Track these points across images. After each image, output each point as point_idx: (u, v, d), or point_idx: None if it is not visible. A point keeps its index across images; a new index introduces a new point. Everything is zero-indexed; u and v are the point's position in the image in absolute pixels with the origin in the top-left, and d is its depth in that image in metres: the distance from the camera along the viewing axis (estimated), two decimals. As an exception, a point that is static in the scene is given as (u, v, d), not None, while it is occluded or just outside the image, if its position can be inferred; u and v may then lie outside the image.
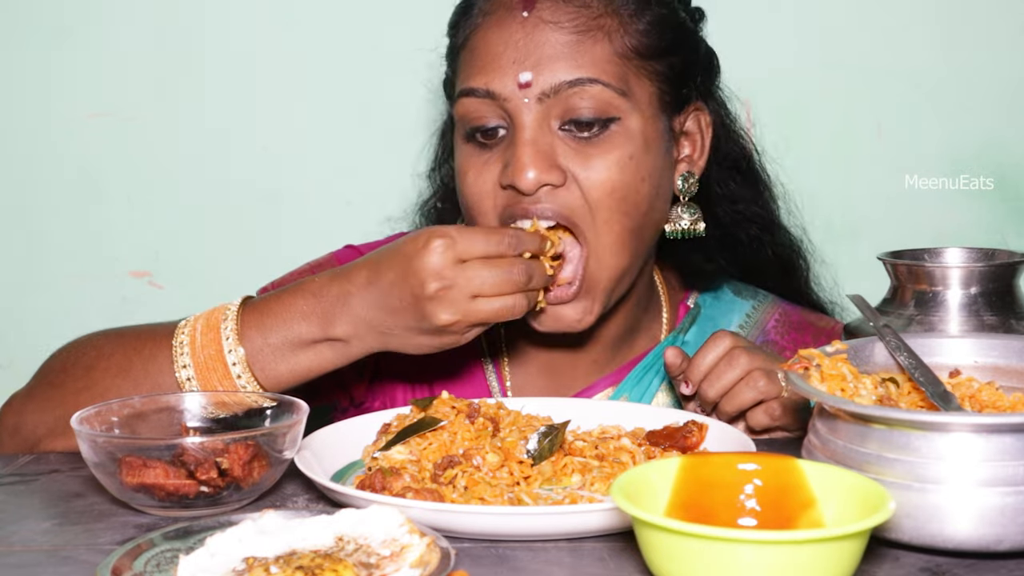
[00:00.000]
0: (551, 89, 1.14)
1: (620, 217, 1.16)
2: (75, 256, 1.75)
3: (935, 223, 1.76)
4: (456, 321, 1.04)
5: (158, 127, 1.72)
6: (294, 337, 1.07)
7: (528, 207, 1.14)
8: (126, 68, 1.71)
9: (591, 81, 1.14)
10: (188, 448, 0.92)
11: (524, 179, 1.13)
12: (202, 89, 1.71)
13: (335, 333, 1.07)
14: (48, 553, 0.86)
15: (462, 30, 1.22)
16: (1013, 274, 1.05)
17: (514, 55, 1.15)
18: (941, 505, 0.79)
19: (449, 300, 1.03)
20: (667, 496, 0.80)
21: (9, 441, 1.15)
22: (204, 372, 1.07)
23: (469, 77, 1.18)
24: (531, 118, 1.15)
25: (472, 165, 1.18)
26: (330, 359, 1.09)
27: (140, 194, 1.73)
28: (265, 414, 1.04)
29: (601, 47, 1.15)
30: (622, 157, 1.15)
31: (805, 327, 1.36)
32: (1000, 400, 0.93)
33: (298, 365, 1.08)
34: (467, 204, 1.20)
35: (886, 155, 1.77)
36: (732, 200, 1.32)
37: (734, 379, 1.12)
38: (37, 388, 1.16)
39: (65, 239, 1.75)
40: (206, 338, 1.08)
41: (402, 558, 0.76)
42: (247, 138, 1.73)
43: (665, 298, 1.35)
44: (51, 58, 1.70)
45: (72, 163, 1.72)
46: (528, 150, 1.13)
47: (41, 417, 1.13)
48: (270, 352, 1.07)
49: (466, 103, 1.18)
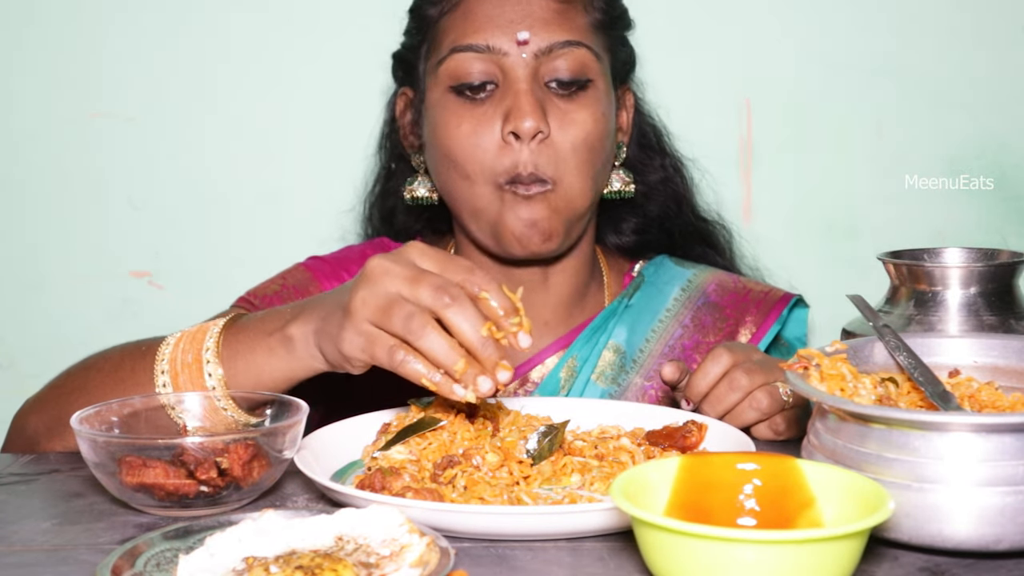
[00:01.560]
0: (545, 48, 1.28)
1: (588, 166, 1.30)
2: (75, 256, 1.76)
3: (935, 223, 1.76)
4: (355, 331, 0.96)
5: (158, 127, 1.72)
6: (259, 331, 1.06)
7: (522, 171, 1.25)
8: (126, 68, 1.71)
9: (577, 44, 1.30)
10: (188, 448, 0.92)
11: (525, 126, 1.25)
12: (202, 89, 1.72)
13: (289, 329, 1.04)
14: (48, 553, 0.86)
15: (444, 1, 1.32)
16: (1013, 274, 1.05)
17: (511, 16, 1.29)
18: (940, 505, 0.79)
19: (367, 303, 0.95)
20: (666, 496, 0.80)
21: (17, 440, 1.18)
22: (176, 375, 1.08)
23: (465, 35, 1.29)
24: (527, 72, 1.28)
25: (465, 119, 1.29)
26: (280, 358, 1.05)
27: (140, 194, 1.74)
28: (265, 414, 1.04)
29: (581, 16, 1.31)
30: (596, 113, 1.30)
31: (744, 291, 1.44)
32: (1000, 400, 0.93)
33: (253, 362, 1.06)
34: (461, 155, 1.29)
35: (886, 155, 1.77)
36: (646, 175, 1.46)
37: (735, 401, 1.12)
38: (42, 391, 1.20)
39: (65, 239, 1.75)
40: (188, 345, 1.09)
41: (402, 558, 0.76)
42: (247, 138, 1.73)
43: (606, 269, 1.47)
44: (51, 58, 1.70)
45: (72, 163, 1.72)
46: (529, 99, 1.26)
47: (40, 417, 1.16)
48: (238, 346, 1.07)
49: (460, 59, 1.29)
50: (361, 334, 0.94)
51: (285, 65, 1.72)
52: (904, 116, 1.76)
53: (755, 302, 1.42)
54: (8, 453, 1.16)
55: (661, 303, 1.41)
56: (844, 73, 1.75)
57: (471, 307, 0.92)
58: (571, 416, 1.07)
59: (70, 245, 1.76)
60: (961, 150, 1.77)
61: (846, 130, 1.77)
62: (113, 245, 1.75)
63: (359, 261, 1.41)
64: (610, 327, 1.38)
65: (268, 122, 1.73)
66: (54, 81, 1.70)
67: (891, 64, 1.75)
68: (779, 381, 1.13)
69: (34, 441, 1.15)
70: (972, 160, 1.77)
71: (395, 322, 0.92)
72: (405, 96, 1.41)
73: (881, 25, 1.75)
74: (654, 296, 1.42)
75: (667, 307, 1.41)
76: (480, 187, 1.29)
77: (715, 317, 1.41)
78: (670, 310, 1.41)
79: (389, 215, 1.51)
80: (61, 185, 1.73)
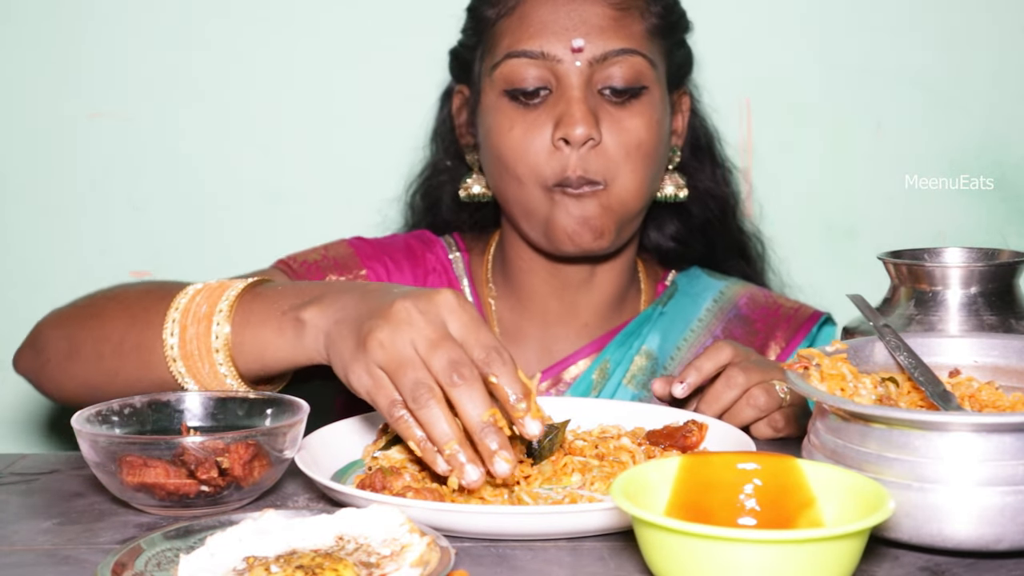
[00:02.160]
0: (600, 56, 1.29)
1: (641, 169, 1.31)
2: (75, 256, 1.76)
3: (935, 223, 1.76)
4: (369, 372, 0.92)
5: (158, 127, 1.72)
6: (275, 306, 1.03)
7: (571, 174, 1.27)
8: (126, 68, 1.71)
9: (632, 52, 1.30)
10: (188, 448, 0.92)
11: (576, 133, 1.26)
12: (202, 89, 1.72)
13: (303, 313, 1.00)
14: (48, 552, 0.86)
15: (501, 4, 1.34)
16: (1013, 274, 1.05)
17: (566, 23, 1.29)
18: (941, 505, 0.79)
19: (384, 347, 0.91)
20: (667, 496, 0.80)
21: (27, 353, 1.19)
22: (185, 327, 1.05)
23: (520, 41, 1.30)
24: (580, 80, 1.29)
25: (517, 123, 1.30)
26: (287, 340, 1.01)
27: (140, 194, 1.74)
28: (266, 414, 1.04)
29: (636, 24, 1.32)
30: (650, 120, 1.31)
31: (775, 307, 1.46)
32: (1000, 400, 0.93)
33: (260, 335, 1.03)
34: (511, 157, 1.30)
35: (886, 155, 1.77)
36: (695, 179, 1.46)
37: (732, 399, 1.13)
38: (66, 308, 1.19)
39: (65, 239, 1.75)
40: (204, 299, 1.07)
41: (402, 557, 0.76)
42: (247, 138, 1.73)
43: (644, 277, 1.48)
44: (51, 58, 1.70)
45: (72, 163, 1.72)
46: (581, 107, 1.27)
47: (53, 332, 1.16)
48: (251, 315, 1.04)
49: (514, 64, 1.30)
50: (370, 375, 0.92)
51: (285, 65, 1.72)
52: (904, 116, 1.76)
53: (785, 318, 1.44)
54: (20, 361, 1.18)
55: (693, 313, 1.44)
56: (844, 73, 1.75)
57: (480, 390, 0.89)
58: (571, 416, 1.07)
59: (70, 245, 1.76)
60: (961, 150, 1.77)
61: (846, 130, 1.77)
62: (113, 245, 1.75)
63: (404, 250, 1.43)
64: (644, 333, 1.41)
65: (268, 122, 1.73)
66: (54, 81, 1.70)
67: (891, 64, 1.75)
68: (776, 379, 1.13)
69: (44, 357, 1.15)
70: (972, 160, 1.76)
71: (403, 383, 0.89)
72: (461, 94, 1.42)
73: (881, 25, 1.75)
74: (687, 305, 1.44)
75: (699, 317, 1.44)
76: (530, 188, 1.31)
77: (745, 330, 1.43)
78: (702, 320, 1.43)
79: (433, 207, 1.51)
80: (61, 185, 1.73)
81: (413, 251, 1.44)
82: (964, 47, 1.75)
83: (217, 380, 1.05)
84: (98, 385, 1.11)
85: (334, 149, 1.74)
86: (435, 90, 1.55)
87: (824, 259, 1.75)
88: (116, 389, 1.09)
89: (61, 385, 1.15)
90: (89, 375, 1.12)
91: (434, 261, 1.44)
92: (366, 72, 1.72)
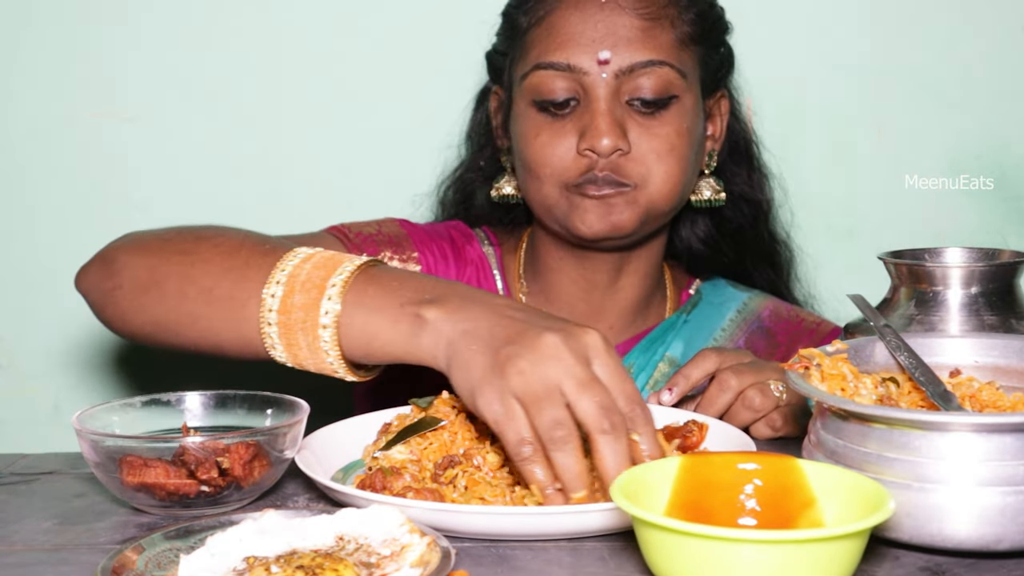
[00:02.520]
0: (627, 68, 1.28)
1: (677, 171, 1.30)
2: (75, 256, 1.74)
3: (935, 223, 1.76)
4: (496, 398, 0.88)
5: (158, 127, 1.72)
6: (394, 295, 0.97)
7: (597, 172, 1.27)
8: (126, 68, 1.71)
9: (660, 63, 1.29)
10: (189, 448, 0.92)
11: (603, 145, 1.26)
12: (202, 89, 1.71)
13: (426, 312, 0.94)
14: (49, 552, 0.86)
15: (533, 12, 1.33)
16: (1013, 274, 1.05)
17: (593, 35, 1.28)
18: (941, 505, 0.79)
19: (525, 375, 0.87)
20: (667, 496, 0.80)
21: (96, 271, 1.13)
22: (291, 292, 0.98)
23: (547, 52, 1.30)
24: (606, 92, 1.28)
25: (544, 131, 1.30)
26: (401, 335, 0.95)
27: (140, 194, 1.73)
28: (266, 414, 1.04)
29: (666, 34, 1.30)
30: (680, 128, 1.30)
31: (797, 321, 1.46)
32: (1000, 400, 0.93)
33: (372, 322, 0.96)
34: (536, 161, 1.31)
35: (886, 155, 1.77)
36: (730, 181, 1.45)
37: (727, 402, 1.14)
38: (144, 237, 1.13)
39: (65, 239, 1.75)
40: (315, 268, 1.00)
41: (402, 558, 0.76)
42: (247, 138, 1.73)
43: (670, 284, 1.47)
44: (51, 58, 1.70)
45: (72, 163, 1.72)
46: (606, 119, 1.27)
47: (131, 258, 1.09)
48: (365, 297, 0.97)
49: (542, 75, 1.30)
50: (502, 403, 0.87)
51: (285, 65, 1.72)
52: (904, 116, 1.76)
53: (807, 332, 1.45)
54: (86, 278, 1.12)
55: (717, 322, 1.44)
56: (844, 73, 1.75)
57: (626, 444, 0.86)
58: None
59: (70, 245, 1.74)
60: (961, 150, 1.77)
61: (846, 130, 1.77)
62: (113, 245, 1.74)
63: (448, 240, 1.43)
64: (668, 340, 1.41)
65: (268, 122, 1.73)
66: (54, 81, 1.70)
67: (891, 64, 1.75)
68: (771, 379, 1.14)
69: (116, 281, 1.09)
70: (972, 160, 1.76)
71: (542, 419, 0.85)
72: (497, 96, 1.42)
73: (881, 25, 1.75)
74: (711, 314, 1.45)
75: (722, 327, 1.44)
76: (550, 188, 1.30)
77: (767, 343, 1.44)
78: (725, 330, 1.44)
79: (465, 202, 1.50)
80: (61, 185, 1.72)
81: (455, 242, 1.44)
82: (964, 47, 1.75)
83: (314, 354, 0.98)
84: (171, 327, 1.06)
85: (334, 149, 1.74)
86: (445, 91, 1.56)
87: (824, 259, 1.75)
88: (190, 335, 1.05)
89: (127, 317, 1.09)
90: (165, 314, 1.06)
91: (472, 254, 1.44)
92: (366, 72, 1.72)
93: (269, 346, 1.00)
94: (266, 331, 0.99)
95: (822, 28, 1.75)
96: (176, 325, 1.06)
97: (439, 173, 1.56)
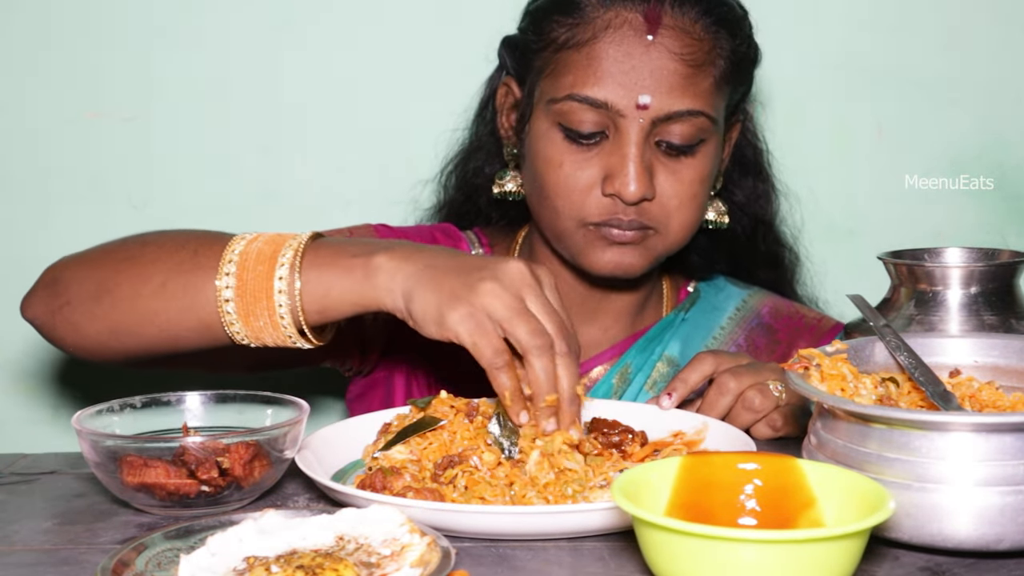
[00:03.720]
0: (664, 115, 1.24)
1: (693, 219, 1.30)
2: (75, 256, 1.75)
3: (935, 223, 1.76)
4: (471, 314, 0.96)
5: (158, 127, 1.72)
6: (342, 251, 1.03)
7: (623, 216, 1.25)
8: (126, 68, 1.71)
9: (698, 113, 1.25)
10: (189, 448, 0.92)
11: (630, 192, 1.23)
12: (202, 89, 1.71)
13: (376, 258, 1.01)
14: (49, 552, 0.86)
15: (574, 31, 1.26)
16: (1013, 274, 1.05)
17: (635, 76, 1.23)
18: (941, 504, 0.79)
19: (497, 295, 0.96)
20: (667, 496, 0.80)
21: (41, 294, 1.13)
22: (244, 269, 1.03)
23: (586, 85, 1.24)
24: (640, 136, 1.24)
25: (567, 160, 1.27)
26: (355, 281, 1.01)
27: (140, 194, 1.73)
28: (266, 414, 1.04)
29: (707, 80, 1.26)
30: (704, 172, 1.28)
31: (798, 317, 1.45)
32: (1000, 400, 0.93)
33: (324, 277, 1.02)
34: (554, 192, 1.27)
35: (886, 155, 1.77)
36: (731, 192, 1.43)
37: (727, 405, 1.14)
38: (88, 252, 1.15)
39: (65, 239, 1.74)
40: (264, 244, 1.05)
41: (402, 557, 0.76)
42: (247, 138, 1.73)
43: (666, 282, 1.46)
44: (51, 58, 1.70)
45: (72, 163, 1.72)
46: (636, 166, 1.23)
47: (76, 274, 1.11)
48: (315, 258, 1.03)
49: (576, 107, 1.25)
50: (474, 319, 0.96)
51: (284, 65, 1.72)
52: (904, 116, 1.76)
53: (808, 328, 1.44)
54: (31, 305, 1.12)
55: (716, 320, 1.43)
56: (844, 73, 1.75)
57: (577, 364, 0.98)
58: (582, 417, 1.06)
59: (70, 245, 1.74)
60: (961, 150, 1.77)
61: (846, 130, 1.77)
62: (113, 245, 1.74)
63: (430, 240, 1.41)
64: (666, 339, 1.41)
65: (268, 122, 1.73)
66: (54, 81, 1.70)
67: (891, 64, 1.75)
68: (769, 380, 1.14)
69: (64, 300, 1.10)
70: (972, 160, 1.76)
71: (520, 331, 0.95)
72: (510, 90, 1.37)
73: (881, 25, 1.75)
74: (709, 313, 1.44)
75: (721, 325, 1.43)
76: (565, 221, 1.28)
77: (768, 340, 1.43)
78: (724, 328, 1.43)
79: (467, 188, 1.48)
80: (61, 185, 1.72)
81: (439, 243, 1.42)
82: (964, 47, 1.75)
83: (273, 326, 1.03)
84: (128, 328, 1.08)
85: (334, 149, 1.74)
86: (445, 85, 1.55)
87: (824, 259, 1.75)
88: (148, 332, 1.07)
89: (81, 328, 1.10)
90: (120, 317, 1.07)
91: None
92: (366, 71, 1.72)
93: (227, 324, 1.03)
94: (224, 309, 1.03)
95: (822, 28, 1.75)
96: (133, 326, 1.08)
97: (442, 159, 1.53)
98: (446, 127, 1.53)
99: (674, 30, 1.24)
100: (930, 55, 1.75)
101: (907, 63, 1.75)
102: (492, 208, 1.46)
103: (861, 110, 1.76)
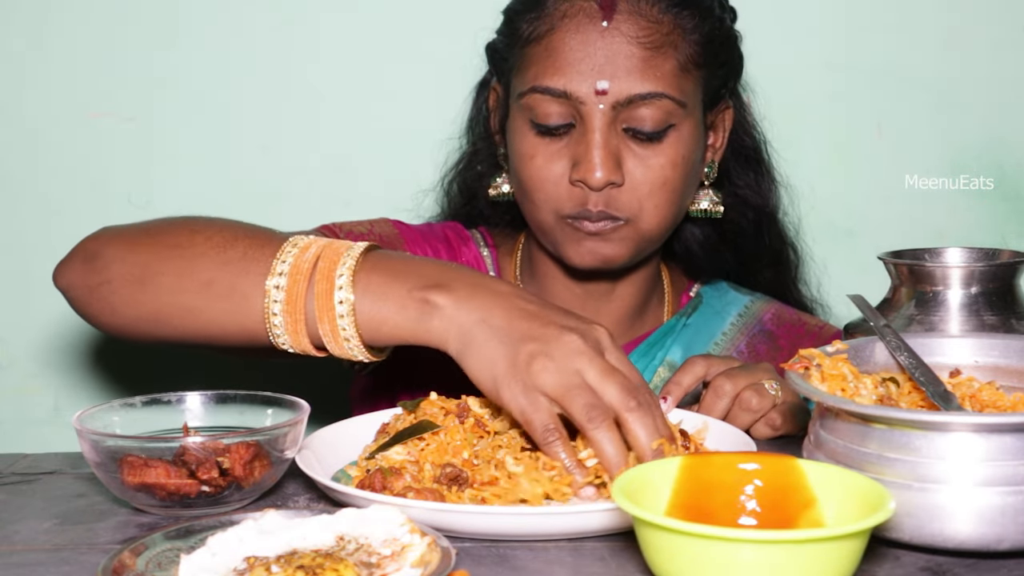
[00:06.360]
0: (624, 99, 1.24)
1: (667, 206, 1.29)
2: (75, 256, 1.75)
3: (935, 223, 1.76)
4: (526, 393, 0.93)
5: (158, 127, 1.72)
6: (400, 281, 1.00)
7: (591, 208, 1.25)
8: (126, 68, 1.71)
9: (659, 95, 1.24)
10: (189, 448, 0.92)
11: (595, 178, 1.23)
12: (202, 89, 1.71)
13: (434, 297, 0.98)
14: (49, 552, 0.86)
15: (535, 24, 1.28)
16: (1013, 274, 1.05)
17: (592, 62, 1.24)
18: (942, 505, 0.79)
19: (550, 371, 0.93)
20: (668, 496, 0.80)
21: (80, 267, 1.11)
22: (297, 274, 1.00)
23: (545, 76, 1.26)
24: (602, 122, 1.24)
25: (539, 152, 1.28)
26: (410, 320, 0.98)
27: (140, 194, 1.73)
28: (266, 413, 1.04)
29: (668, 62, 1.25)
30: (675, 157, 1.27)
31: (800, 324, 1.45)
32: (1001, 400, 0.93)
33: (381, 308, 0.99)
34: (530, 185, 1.29)
35: (886, 155, 1.77)
36: (734, 185, 1.43)
37: (725, 407, 1.14)
38: (131, 228, 1.13)
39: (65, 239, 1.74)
40: (317, 258, 1.01)
41: (403, 558, 0.76)
42: (247, 138, 1.73)
43: (668, 287, 1.46)
44: (51, 58, 1.70)
45: (72, 163, 1.72)
46: (600, 152, 1.24)
47: (118, 252, 1.09)
48: (370, 284, 1.00)
49: (539, 99, 1.26)
50: (527, 396, 0.93)
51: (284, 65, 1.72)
52: (904, 116, 1.76)
53: (810, 335, 1.44)
54: (66, 274, 1.11)
55: (718, 326, 1.43)
56: (844, 73, 1.75)
57: (653, 417, 0.93)
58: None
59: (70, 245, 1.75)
60: (961, 150, 1.77)
61: (846, 130, 1.77)
62: (113, 245, 1.74)
63: (443, 240, 1.42)
64: (667, 344, 1.40)
65: (268, 122, 1.73)
66: (54, 81, 1.70)
67: (891, 64, 1.75)
68: (764, 379, 1.14)
69: (103, 278, 1.08)
70: (972, 160, 1.76)
71: (575, 405, 0.92)
72: (496, 93, 1.39)
73: (881, 25, 1.75)
74: (711, 318, 1.43)
75: (723, 331, 1.43)
76: (545, 214, 1.29)
77: (770, 346, 1.43)
78: (726, 334, 1.43)
79: (470, 191, 1.48)
80: (61, 185, 1.72)
81: (451, 243, 1.43)
82: (964, 47, 1.75)
83: (335, 341, 1.00)
84: (167, 319, 1.06)
85: (334, 149, 1.74)
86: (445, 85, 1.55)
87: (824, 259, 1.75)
88: (188, 327, 1.05)
89: (119, 311, 1.08)
90: (160, 307, 1.06)
91: (468, 256, 1.43)
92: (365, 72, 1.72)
93: (274, 336, 1.01)
94: (270, 321, 1.01)
95: (822, 28, 1.75)
96: (172, 318, 1.06)
97: (442, 164, 1.54)
98: (447, 134, 1.54)
99: (630, 15, 1.25)
100: (930, 55, 1.75)
101: (907, 63, 1.75)
102: (493, 211, 1.46)
103: (861, 110, 1.76)
